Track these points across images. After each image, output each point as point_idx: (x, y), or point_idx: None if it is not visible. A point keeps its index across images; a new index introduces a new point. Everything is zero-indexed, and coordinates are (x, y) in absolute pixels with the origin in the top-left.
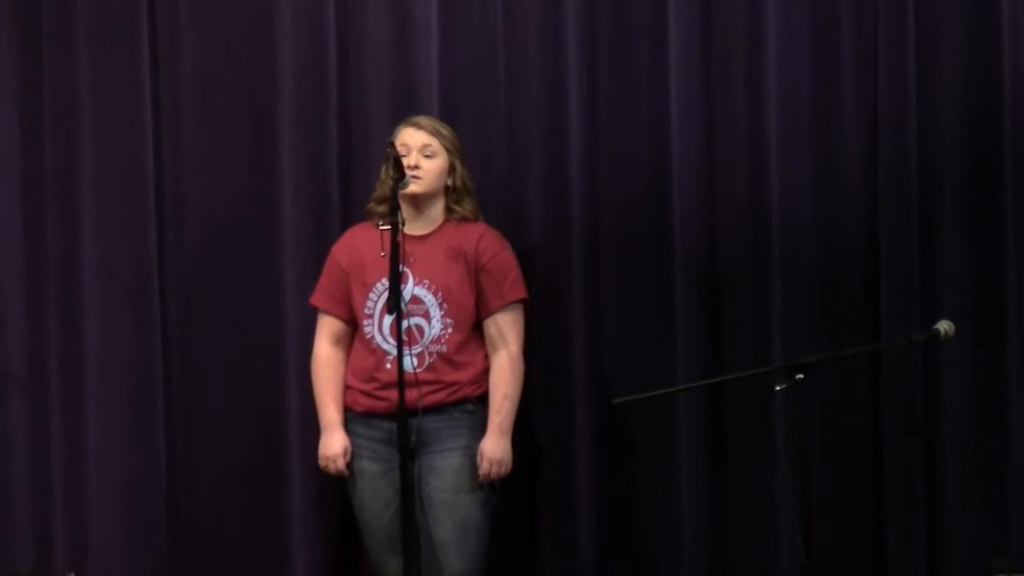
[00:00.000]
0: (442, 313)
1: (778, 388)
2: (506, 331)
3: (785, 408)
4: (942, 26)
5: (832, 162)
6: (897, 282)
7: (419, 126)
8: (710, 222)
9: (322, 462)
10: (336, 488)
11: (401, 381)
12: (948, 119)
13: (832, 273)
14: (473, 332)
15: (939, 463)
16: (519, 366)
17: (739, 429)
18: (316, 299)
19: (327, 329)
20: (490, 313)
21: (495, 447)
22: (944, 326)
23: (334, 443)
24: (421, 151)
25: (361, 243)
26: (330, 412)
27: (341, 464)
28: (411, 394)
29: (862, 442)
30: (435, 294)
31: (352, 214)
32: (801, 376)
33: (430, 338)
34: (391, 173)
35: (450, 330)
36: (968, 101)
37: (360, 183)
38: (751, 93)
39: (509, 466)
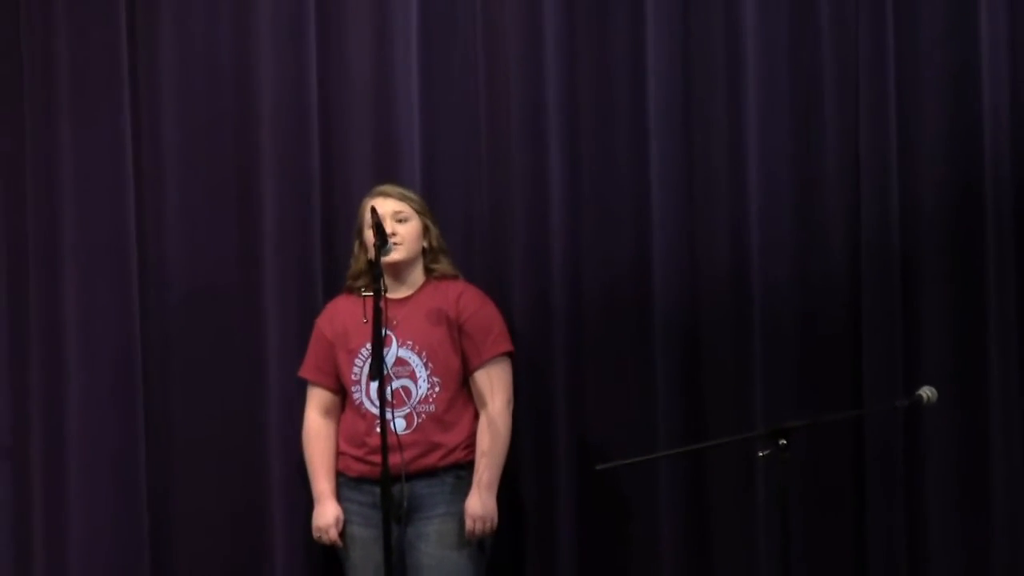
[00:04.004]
0: (428, 372)
1: (761, 454)
2: (490, 386)
3: (767, 473)
4: (923, 94)
5: (813, 227)
6: (880, 347)
7: (387, 195)
8: (691, 289)
9: (315, 533)
10: (320, 563)
11: (385, 447)
12: (930, 185)
13: (814, 339)
14: (461, 389)
15: (922, 529)
16: (501, 421)
17: (721, 494)
18: (304, 371)
19: (316, 400)
20: (474, 369)
21: (478, 503)
22: (927, 392)
23: (326, 514)
24: (394, 218)
25: (343, 312)
26: (321, 484)
27: (334, 534)
28: (396, 459)
29: (844, 507)
30: (419, 354)
31: (334, 280)
32: (784, 442)
33: (418, 398)
34: (375, 240)
35: (437, 388)
36: (949, 167)
37: (343, 249)
38: (732, 161)
39: (495, 523)
